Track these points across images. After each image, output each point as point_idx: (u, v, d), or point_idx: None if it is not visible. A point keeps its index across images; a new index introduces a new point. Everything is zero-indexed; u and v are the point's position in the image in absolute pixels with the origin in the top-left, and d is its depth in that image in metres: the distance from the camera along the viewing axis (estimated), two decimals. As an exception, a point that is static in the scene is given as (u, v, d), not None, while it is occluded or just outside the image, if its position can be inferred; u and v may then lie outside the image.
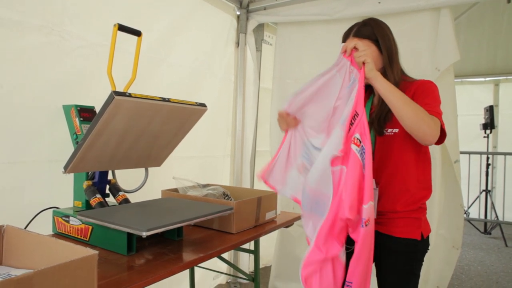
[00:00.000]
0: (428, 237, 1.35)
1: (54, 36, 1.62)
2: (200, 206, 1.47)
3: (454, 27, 2.22)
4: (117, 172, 1.65)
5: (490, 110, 4.94)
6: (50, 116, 1.59)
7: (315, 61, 2.67)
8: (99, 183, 1.52)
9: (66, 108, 1.56)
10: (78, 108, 1.54)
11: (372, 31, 1.35)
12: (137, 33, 1.56)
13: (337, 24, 2.61)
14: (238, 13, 2.84)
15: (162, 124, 1.42)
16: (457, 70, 2.43)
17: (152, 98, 1.27)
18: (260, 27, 2.94)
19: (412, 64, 2.39)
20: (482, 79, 5.48)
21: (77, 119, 1.52)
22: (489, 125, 4.92)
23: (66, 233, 1.43)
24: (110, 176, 1.59)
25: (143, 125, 1.36)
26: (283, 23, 2.80)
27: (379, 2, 2.40)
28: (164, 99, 1.32)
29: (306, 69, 2.70)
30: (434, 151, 2.29)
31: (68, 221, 1.42)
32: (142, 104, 1.25)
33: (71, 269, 0.84)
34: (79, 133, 1.51)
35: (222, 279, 3.12)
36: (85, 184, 1.49)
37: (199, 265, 1.44)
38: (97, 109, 1.57)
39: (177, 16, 2.27)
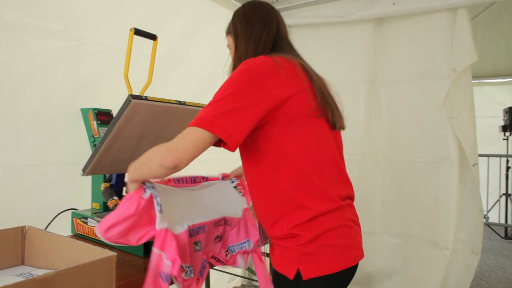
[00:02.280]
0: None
1: (73, 41, 1.66)
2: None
3: (471, 27, 2.19)
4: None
5: (510, 112, 4.83)
6: (69, 119, 1.62)
7: (329, 63, 2.67)
8: (116, 186, 1.54)
9: (84, 112, 1.59)
10: (96, 111, 1.56)
11: (229, 25, 1.21)
12: (153, 37, 1.58)
13: (352, 25, 2.60)
14: (252, 16, 2.84)
15: (178, 127, 1.44)
16: (474, 71, 2.39)
17: (168, 101, 1.28)
18: (273, 30, 2.94)
19: (428, 65, 2.37)
20: (501, 80, 5.37)
21: (94, 122, 1.55)
22: (509, 127, 4.81)
23: (85, 234, 1.45)
24: (126, 179, 1.61)
25: (160, 128, 1.38)
26: (296, 25, 2.80)
27: (394, 3, 2.38)
28: (180, 102, 1.33)
29: (320, 71, 2.66)
30: (451, 153, 2.26)
31: (86, 223, 1.44)
32: (159, 107, 1.27)
33: (90, 270, 0.86)
34: (97, 136, 1.54)
35: (237, 282, 3.12)
36: (103, 186, 1.51)
37: (214, 267, 1.44)
38: (114, 112, 1.60)
39: (191, 20, 2.29)
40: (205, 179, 1.41)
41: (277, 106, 0.95)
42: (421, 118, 2.43)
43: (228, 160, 1.60)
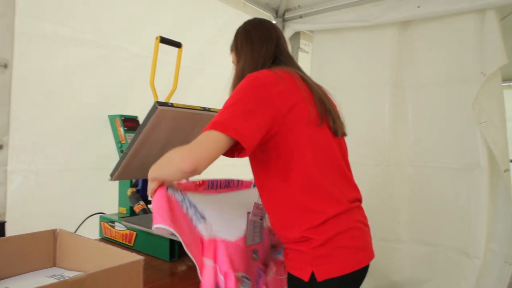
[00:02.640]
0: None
1: (102, 50, 1.71)
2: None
3: (500, 29, 2.12)
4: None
5: (542, 116, 4.64)
6: (97, 126, 1.67)
7: (353, 68, 2.64)
8: (142, 191, 1.57)
9: (111, 118, 1.64)
10: (123, 118, 1.60)
11: (232, 42, 1.30)
12: (178, 44, 1.61)
13: (376, 30, 2.57)
14: (274, 22, 2.86)
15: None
16: (504, 73, 2.31)
17: (193, 108, 1.30)
18: (296, 35, 2.94)
19: (456, 68, 2.31)
20: (533, 83, 5.18)
21: (121, 129, 1.59)
22: (541, 131, 4.62)
23: (112, 238, 1.48)
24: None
25: (185, 134, 1.40)
26: (319, 30, 2.79)
27: (419, 6, 2.34)
28: (204, 109, 1.35)
29: (344, 76, 2.67)
30: (480, 159, 2.18)
31: (113, 227, 1.48)
32: (184, 113, 1.29)
33: (119, 273, 0.88)
34: (124, 142, 1.58)
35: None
36: (129, 191, 1.54)
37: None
38: (140, 119, 1.64)
39: (215, 27, 2.32)
40: (240, 183, 1.42)
41: (281, 114, 1.00)
42: (448, 122, 2.37)
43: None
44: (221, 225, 1.12)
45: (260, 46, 1.17)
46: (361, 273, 1.04)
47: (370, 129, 2.59)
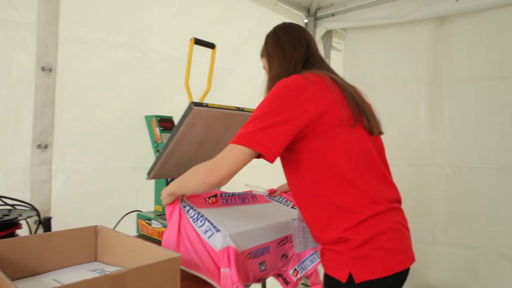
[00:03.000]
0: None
1: (137, 52, 1.76)
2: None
3: (546, 22, 2.02)
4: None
5: None
6: (134, 126, 1.72)
7: (387, 66, 2.59)
8: (177, 189, 1.60)
9: (148, 119, 1.68)
10: (158, 118, 1.64)
11: (263, 48, 1.31)
12: (212, 45, 1.63)
13: (410, 26, 2.50)
14: (306, 20, 2.84)
15: (236, 132, 1.47)
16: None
17: (227, 108, 1.32)
18: (328, 34, 2.91)
19: (497, 64, 2.22)
20: None
21: (157, 129, 1.63)
22: None
23: (148, 235, 1.52)
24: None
25: (219, 134, 1.42)
26: (352, 28, 2.75)
27: (457, 0, 2.26)
28: (238, 109, 1.36)
29: (378, 74, 2.61)
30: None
31: (150, 224, 1.52)
32: (218, 113, 1.31)
33: (158, 269, 0.90)
34: (159, 141, 1.62)
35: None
36: (165, 189, 1.58)
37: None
38: (175, 119, 1.67)
39: (246, 27, 2.34)
40: (254, 198, 1.50)
41: (312, 120, 1.00)
42: (488, 121, 2.27)
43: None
44: (235, 234, 1.14)
45: (291, 51, 1.18)
46: (401, 276, 1.01)
47: (404, 128, 2.53)
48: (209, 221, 1.16)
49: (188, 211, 1.21)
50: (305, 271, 1.32)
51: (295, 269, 1.32)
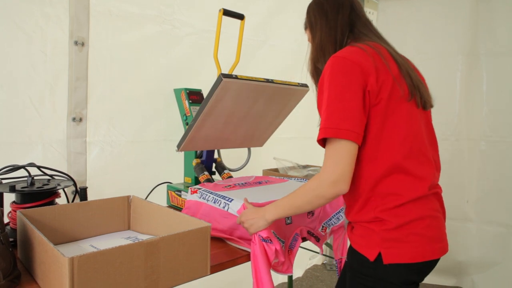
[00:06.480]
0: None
1: (167, 25, 1.76)
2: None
3: None
4: (221, 151, 1.75)
5: None
6: (165, 99, 1.75)
7: (422, 36, 2.48)
8: (207, 161, 1.63)
9: (177, 92, 1.69)
10: (188, 91, 1.65)
11: (305, 20, 1.20)
12: (241, 16, 1.60)
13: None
14: (336, -10, 2.74)
15: (265, 105, 1.46)
16: None
17: (257, 80, 1.31)
18: (360, 3, 2.80)
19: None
20: None
21: (186, 102, 1.64)
22: None
23: (178, 205, 1.57)
24: (215, 155, 1.70)
25: (248, 106, 1.42)
26: (386, -2, 2.63)
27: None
28: (268, 80, 1.34)
29: (412, 45, 2.51)
30: None
31: (180, 195, 1.56)
32: (248, 85, 1.30)
33: (189, 237, 0.93)
34: (189, 114, 1.63)
35: (318, 260, 3.14)
36: (194, 162, 1.61)
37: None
38: (204, 92, 1.68)
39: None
40: (269, 181, 1.55)
41: (373, 93, 0.96)
42: (530, 94, 2.16)
43: (313, 139, 1.59)
44: (251, 196, 1.22)
45: (335, 16, 1.11)
46: (430, 265, 0.99)
47: (438, 100, 2.43)
48: (224, 197, 1.23)
49: (207, 201, 1.28)
50: (331, 228, 1.36)
51: (323, 226, 1.36)
